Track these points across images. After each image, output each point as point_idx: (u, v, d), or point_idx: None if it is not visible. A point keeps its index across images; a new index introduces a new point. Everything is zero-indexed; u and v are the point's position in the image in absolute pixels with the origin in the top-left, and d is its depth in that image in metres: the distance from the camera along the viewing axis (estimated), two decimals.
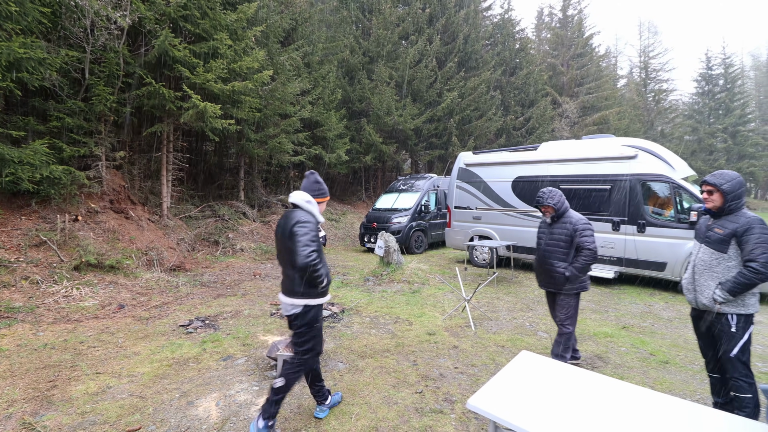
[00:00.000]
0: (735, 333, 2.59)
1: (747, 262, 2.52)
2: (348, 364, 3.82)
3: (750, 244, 2.51)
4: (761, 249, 2.47)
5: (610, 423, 1.66)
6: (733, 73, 35.68)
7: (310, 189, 2.82)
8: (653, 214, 6.43)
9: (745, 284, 2.51)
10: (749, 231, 2.52)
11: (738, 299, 2.58)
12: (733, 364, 2.59)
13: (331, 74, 14.40)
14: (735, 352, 2.58)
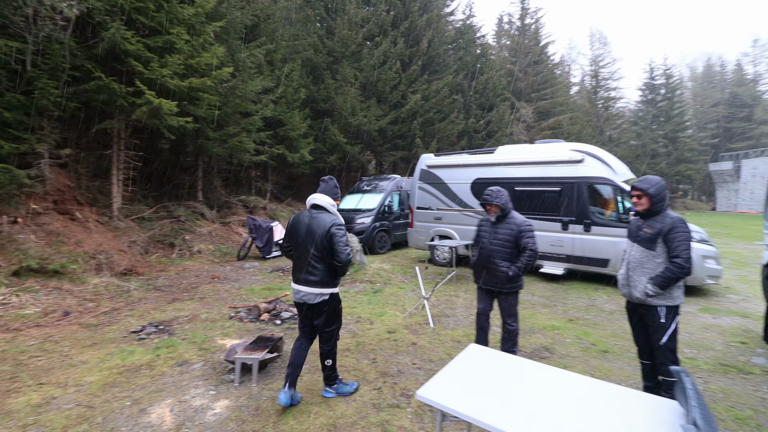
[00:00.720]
0: (664, 323, 2.88)
1: (672, 258, 2.81)
2: (308, 365, 3.84)
3: (675, 242, 2.81)
4: (683, 246, 2.78)
5: (547, 407, 1.83)
6: (673, 83, 38.83)
7: (332, 193, 3.21)
8: (598, 215, 6.92)
9: (672, 278, 2.80)
10: (673, 230, 2.82)
11: (666, 292, 2.87)
12: (662, 351, 2.88)
13: (295, 73, 14.24)
14: (664, 340, 2.87)
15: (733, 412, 3.12)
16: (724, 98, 44.54)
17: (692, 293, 6.55)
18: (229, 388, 3.41)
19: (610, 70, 39.79)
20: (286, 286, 6.98)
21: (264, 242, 9.49)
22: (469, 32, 24.25)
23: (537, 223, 7.36)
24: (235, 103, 10.59)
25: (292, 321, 5.14)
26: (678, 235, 2.80)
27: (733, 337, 4.70)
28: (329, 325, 3.13)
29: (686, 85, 48.30)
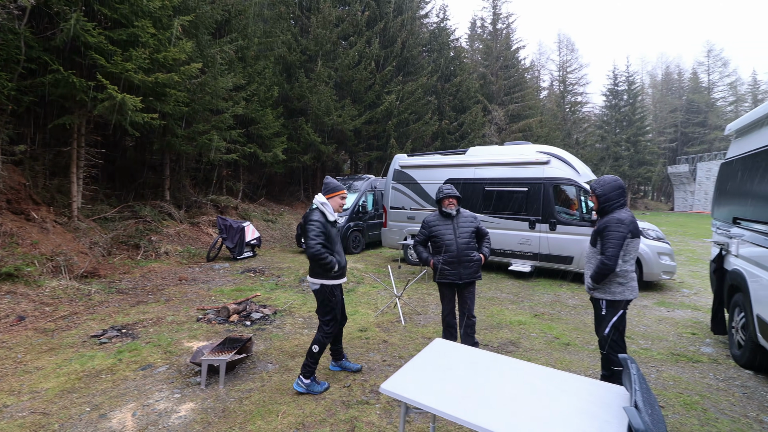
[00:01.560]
0: (605, 316, 3.07)
1: (600, 255, 3.02)
2: (278, 365, 3.82)
3: (605, 239, 3.00)
4: (609, 245, 2.96)
5: (505, 396, 1.91)
6: (635, 89, 40.82)
7: (323, 190, 3.47)
8: (562, 214, 7.20)
9: (600, 273, 2.99)
10: (606, 229, 3.01)
11: (605, 287, 3.05)
12: (603, 342, 3.08)
13: (268, 70, 14.00)
14: (606, 331, 3.06)
15: (682, 397, 3.34)
16: (681, 104, 47.19)
17: (649, 288, 6.93)
18: (195, 390, 3.34)
19: (577, 75, 41.44)
20: (258, 286, 6.88)
21: (235, 243, 9.30)
22: (443, 35, 24.60)
23: (506, 222, 7.62)
24: (204, 100, 10.31)
25: (262, 322, 5.08)
26: (609, 234, 2.97)
27: (685, 329, 5.02)
28: (321, 314, 3.38)
29: (647, 91, 50.93)
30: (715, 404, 3.22)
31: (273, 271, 8.19)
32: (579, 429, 1.64)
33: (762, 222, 3.59)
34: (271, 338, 4.52)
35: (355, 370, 3.67)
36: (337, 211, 3.47)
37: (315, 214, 3.31)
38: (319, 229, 3.22)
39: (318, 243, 3.18)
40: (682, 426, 2.92)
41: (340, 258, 3.35)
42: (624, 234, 2.96)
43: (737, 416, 3.05)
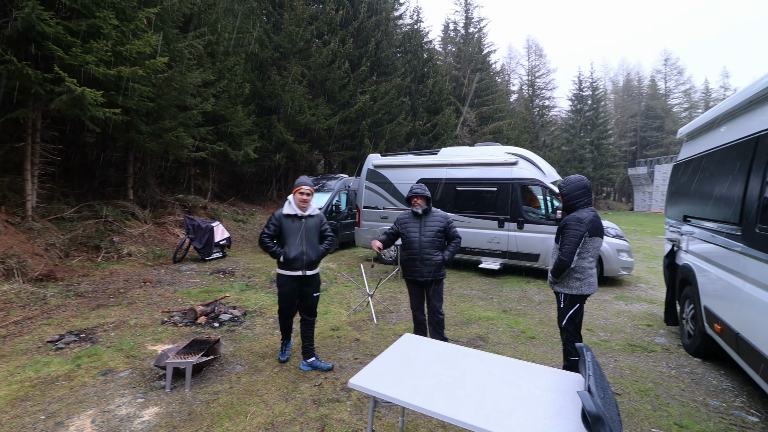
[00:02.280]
0: (563, 308, 3.22)
1: (558, 251, 3.18)
2: (247, 366, 3.76)
3: (563, 237, 3.17)
4: (566, 242, 3.12)
5: (470, 386, 1.97)
6: (598, 95, 42.72)
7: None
8: (530, 213, 7.46)
9: (557, 269, 3.15)
10: (565, 227, 3.17)
11: (564, 282, 3.21)
12: (563, 332, 3.24)
13: (238, 67, 13.67)
14: (563, 323, 3.22)
15: (637, 385, 3.54)
16: (640, 110, 49.84)
17: (609, 283, 7.29)
18: (159, 394, 3.24)
19: (545, 80, 42.94)
20: (227, 288, 6.72)
21: (203, 243, 9.03)
22: (416, 37, 24.84)
23: (477, 221, 7.81)
24: (171, 96, 9.96)
25: (232, 323, 4.97)
26: (567, 232, 3.13)
27: (641, 321, 5.32)
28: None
29: (609, 97, 53.43)
30: (666, 390, 3.44)
31: (244, 272, 8.02)
32: (537, 414, 1.73)
33: (709, 219, 3.86)
34: (240, 339, 4.44)
35: (326, 369, 3.68)
36: (300, 207, 3.60)
37: (279, 209, 3.68)
38: (271, 222, 3.61)
39: (264, 233, 3.58)
40: (637, 411, 3.10)
41: (288, 250, 3.54)
42: (581, 232, 3.09)
43: (686, 401, 3.27)
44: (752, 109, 3.27)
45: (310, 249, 3.61)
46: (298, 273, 3.58)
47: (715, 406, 3.19)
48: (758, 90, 3.08)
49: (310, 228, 3.64)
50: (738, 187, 3.20)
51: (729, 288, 3.24)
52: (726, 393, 3.40)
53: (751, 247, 2.87)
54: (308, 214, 3.65)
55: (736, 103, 3.53)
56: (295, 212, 3.60)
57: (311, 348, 3.75)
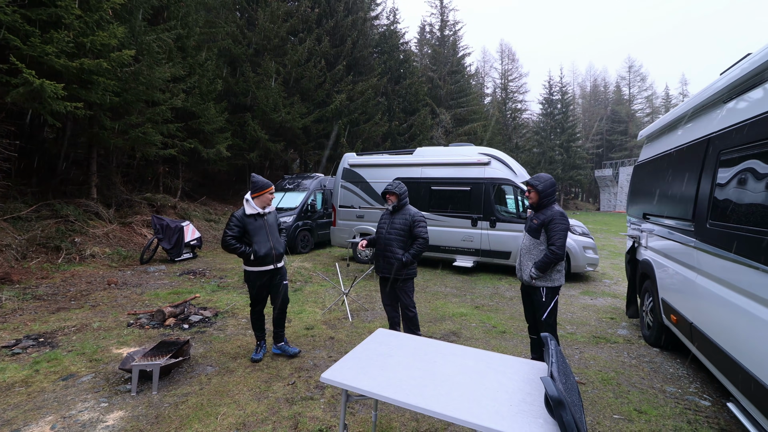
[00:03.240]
0: (544, 302, 3.32)
1: (549, 246, 3.27)
2: (218, 367, 3.68)
3: (552, 231, 3.26)
4: (558, 236, 3.24)
5: (439, 376, 2.01)
6: (567, 99, 44.27)
7: (250, 189, 3.74)
8: (502, 212, 7.66)
9: (548, 263, 3.24)
10: (552, 222, 3.27)
11: (547, 275, 3.32)
12: (543, 325, 3.34)
13: (210, 62, 13.31)
14: (544, 316, 3.32)
15: (600, 374, 3.70)
16: (606, 114, 52.01)
17: (575, 279, 7.58)
18: (125, 398, 3.12)
19: (517, 84, 44.10)
20: (198, 288, 6.55)
21: (172, 243, 8.74)
22: (393, 38, 24.97)
23: (451, 220, 7.94)
24: (138, 91, 9.59)
25: (202, 324, 4.85)
26: (556, 226, 3.25)
27: (605, 314, 5.56)
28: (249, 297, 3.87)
29: (578, 101, 55.51)
30: (627, 379, 3.62)
31: (215, 272, 7.83)
32: (504, 401, 1.79)
33: (666, 217, 4.09)
34: (211, 340, 4.34)
35: (293, 354, 3.90)
36: (263, 207, 3.74)
37: (238, 210, 3.73)
38: (233, 223, 3.64)
39: (228, 236, 3.60)
40: (600, 399, 3.24)
41: (258, 248, 3.63)
42: (567, 226, 3.27)
43: (645, 388, 3.45)
44: (703, 114, 3.50)
45: (277, 243, 3.82)
46: (270, 267, 3.73)
47: (672, 392, 3.39)
48: (709, 95, 3.30)
49: (271, 223, 3.82)
50: (691, 186, 3.40)
51: (684, 281, 3.44)
52: (681, 380, 3.61)
53: (703, 242, 3.07)
54: (267, 211, 3.81)
55: (689, 107, 3.76)
56: (258, 211, 3.71)
57: (282, 333, 3.95)
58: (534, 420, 1.67)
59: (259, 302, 3.82)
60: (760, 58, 2.55)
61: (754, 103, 2.62)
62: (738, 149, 2.69)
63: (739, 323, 2.46)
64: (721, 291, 2.74)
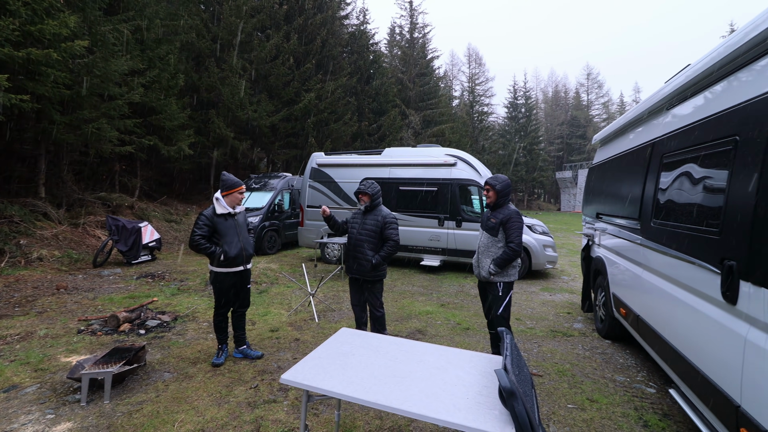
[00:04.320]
0: (500, 296, 3.46)
1: (508, 243, 3.41)
2: (176, 373, 3.55)
3: (510, 230, 3.40)
4: (516, 234, 3.39)
5: (400, 372, 2.04)
6: (531, 103, 45.95)
7: (220, 187, 3.68)
8: (467, 212, 7.85)
9: (507, 259, 3.39)
10: (510, 220, 3.42)
11: (503, 271, 3.45)
12: (498, 320, 3.47)
13: (172, 56, 12.75)
14: (500, 310, 3.45)
15: (556, 366, 3.88)
16: (566, 119, 54.43)
17: (536, 276, 7.90)
18: (73, 409, 2.95)
19: (484, 87, 45.23)
20: (156, 292, 6.27)
21: (129, 246, 8.31)
22: (363, 38, 24.94)
23: (418, 220, 8.04)
24: (91, 84, 9.06)
25: (160, 329, 4.65)
26: (513, 224, 3.41)
27: (563, 309, 5.83)
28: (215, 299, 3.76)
29: (540, 106, 57.72)
30: (581, 370, 3.81)
31: (175, 275, 7.52)
32: (461, 395, 1.84)
33: (616, 216, 4.34)
34: (169, 346, 4.17)
35: (255, 357, 3.84)
36: (233, 207, 3.69)
37: (207, 209, 3.63)
38: (202, 222, 3.55)
39: (197, 235, 3.51)
40: (556, 390, 3.40)
41: (228, 248, 3.56)
42: (522, 224, 3.45)
43: (597, 378, 3.66)
44: (649, 120, 3.75)
45: (247, 244, 3.75)
46: (240, 268, 3.68)
47: (621, 381, 3.60)
48: (653, 102, 3.55)
49: (241, 224, 3.78)
50: (638, 187, 3.64)
51: (631, 276, 3.68)
52: (630, 369, 3.85)
53: (648, 240, 3.29)
54: (237, 211, 3.76)
55: (636, 113, 4.02)
56: (228, 210, 3.65)
57: (243, 336, 3.91)
58: (489, 411, 1.74)
59: (225, 304, 3.72)
60: (695, 70, 2.77)
61: (691, 111, 2.84)
62: (677, 153, 2.91)
63: (679, 315, 2.66)
64: (664, 285, 2.94)
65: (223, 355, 3.77)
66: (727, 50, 2.31)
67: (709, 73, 2.58)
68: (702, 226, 2.38)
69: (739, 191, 2.02)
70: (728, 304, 2.03)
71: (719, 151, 2.29)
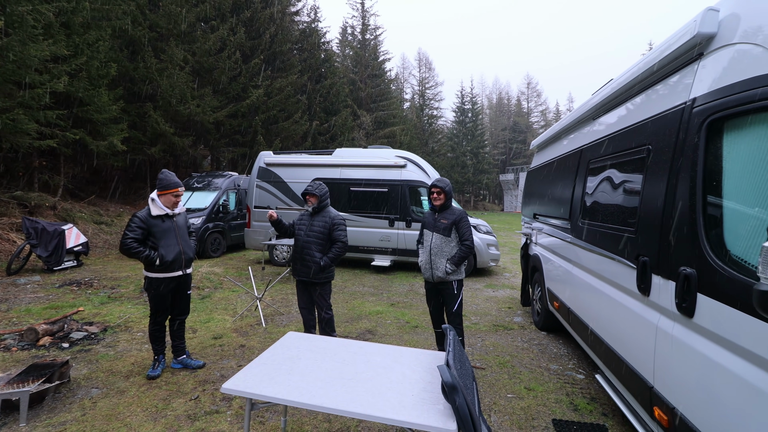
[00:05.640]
0: (456, 294, 3.61)
1: (463, 242, 3.56)
2: (105, 388, 3.27)
3: (463, 229, 3.57)
4: (468, 232, 3.58)
5: (347, 374, 2.05)
6: (477, 109, 48.02)
7: (156, 186, 3.47)
8: (416, 213, 8.03)
9: (464, 256, 3.56)
10: (461, 220, 3.59)
11: (459, 269, 3.63)
12: (454, 317, 3.64)
13: (103, 43, 11.67)
14: (455, 308, 3.61)
15: (498, 359, 4.10)
16: (509, 125, 57.60)
17: (480, 274, 8.28)
18: None
19: (433, 92, 46.49)
20: (83, 301, 5.73)
21: (50, 250, 7.50)
22: (314, 35, 24.56)
23: (369, 220, 8.09)
24: (6, 69, 8.07)
25: (86, 342, 4.26)
26: (464, 224, 3.60)
27: (504, 304, 6.16)
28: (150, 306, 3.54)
29: (485, 111, 60.50)
30: (520, 361, 4.06)
31: (105, 282, 6.91)
32: (406, 392, 1.89)
33: (550, 217, 4.68)
34: (98, 359, 3.83)
35: (197, 367, 3.65)
36: (170, 208, 3.49)
37: (142, 210, 3.43)
38: (135, 224, 3.33)
39: (129, 238, 3.28)
40: (497, 381, 3.59)
41: (165, 252, 3.36)
42: (470, 223, 3.66)
43: (534, 368, 3.91)
44: (578, 128, 4.08)
45: (187, 247, 3.58)
46: (178, 273, 3.49)
47: (555, 369, 3.89)
48: (582, 112, 3.87)
49: (181, 226, 3.60)
50: (568, 189, 3.95)
51: (563, 272, 3.98)
52: (563, 358, 4.17)
53: (577, 238, 3.58)
54: (177, 212, 3.58)
55: (568, 122, 4.37)
56: (165, 212, 3.46)
57: (183, 346, 3.71)
58: (433, 407, 1.80)
59: (161, 312, 3.51)
60: (616, 84, 3.07)
61: (614, 121, 3.14)
62: (601, 159, 3.20)
63: (603, 306, 2.93)
64: (590, 279, 3.23)
65: (160, 366, 3.53)
66: (642, 68, 2.58)
67: (628, 88, 2.87)
68: (621, 225, 2.64)
69: (651, 194, 2.27)
70: (643, 296, 2.27)
71: (635, 159, 2.56)
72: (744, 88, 1.62)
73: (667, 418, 1.95)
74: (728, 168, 1.71)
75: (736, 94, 1.66)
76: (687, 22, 2.09)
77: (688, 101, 2.00)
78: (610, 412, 3.07)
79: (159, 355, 3.57)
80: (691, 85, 2.02)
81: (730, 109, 1.68)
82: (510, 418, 2.97)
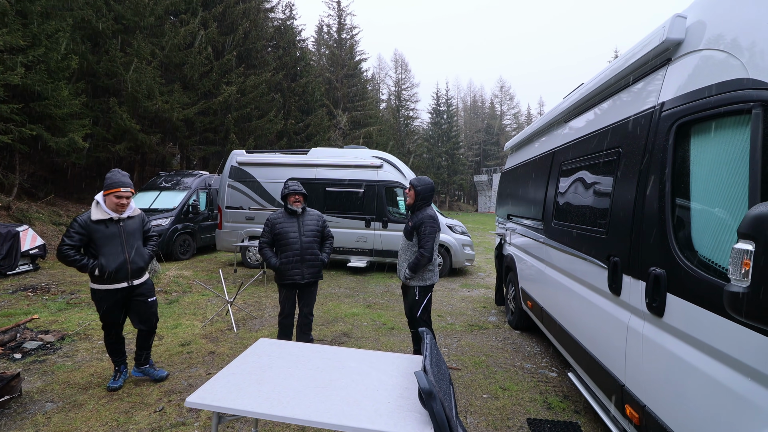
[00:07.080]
0: (417, 300, 3.52)
1: (419, 248, 3.42)
2: (61, 402, 3.05)
3: (422, 234, 3.41)
4: (427, 239, 3.39)
5: (324, 383, 1.97)
6: (452, 111, 48.71)
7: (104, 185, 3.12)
8: (393, 213, 8.01)
9: (418, 264, 3.39)
10: (422, 225, 3.42)
11: (419, 275, 3.48)
12: (418, 322, 3.55)
13: (63, 34, 11.01)
14: (419, 313, 3.53)
15: (473, 359, 4.11)
16: (483, 127, 58.70)
17: (456, 273, 8.35)
18: None
19: (409, 93, 46.76)
20: (39, 308, 5.36)
21: (3, 254, 7.00)
22: (289, 33, 24.15)
23: (345, 221, 8.00)
24: None
25: (41, 352, 3.97)
26: (425, 229, 3.40)
27: (479, 304, 6.22)
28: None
29: (460, 113, 61.45)
30: (495, 360, 4.09)
31: (64, 286, 6.51)
32: (382, 399, 1.84)
33: (524, 217, 4.75)
34: (53, 371, 3.57)
35: (159, 378, 3.41)
36: (116, 211, 3.11)
37: (83, 213, 3.10)
38: (74, 230, 3.01)
39: (65, 245, 2.97)
40: (473, 382, 3.60)
41: (106, 262, 3.02)
42: (436, 229, 3.43)
43: (509, 367, 3.95)
44: (550, 131, 4.16)
45: (136, 255, 3.20)
46: (123, 285, 3.14)
47: (528, 368, 3.94)
48: (554, 116, 3.94)
49: (130, 231, 3.20)
50: (541, 191, 4.01)
51: (536, 272, 4.04)
52: (536, 356, 4.23)
53: (549, 239, 3.64)
54: (127, 216, 3.19)
55: (540, 124, 4.44)
56: (109, 215, 3.08)
57: (147, 355, 3.44)
58: (410, 414, 1.75)
59: (111, 326, 3.21)
60: (587, 89, 3.13)
61: (584, 124, 3.20)
62: (573, 162, 3.26)
63: (575, 305, 2.98)
64: (563, 279, 3.28)
65: (122, 377, 3.32)
66: (612, 73, 2.64)
67: (599, 92, 2.93)
68: (592, 226, 2.69)
69: (621, 196, 2.31)
70: (614, 295, 2.31)
71: (606, 161, 2.61)
72: (709, 93, 1.67)
73: (638, 416, 1.99)
74: (696, 171, 1.75)
75: (702, 98, 1.70)
76: (656, 27, 2.14)
77: (657, 105, 2.05)
78: (582, 410, 3.13)
79: (120, 366, 3.34)
80: (660, 89, 2.07)
81: (697, 113, 1.73)
82: (486, 419, 2.97)
